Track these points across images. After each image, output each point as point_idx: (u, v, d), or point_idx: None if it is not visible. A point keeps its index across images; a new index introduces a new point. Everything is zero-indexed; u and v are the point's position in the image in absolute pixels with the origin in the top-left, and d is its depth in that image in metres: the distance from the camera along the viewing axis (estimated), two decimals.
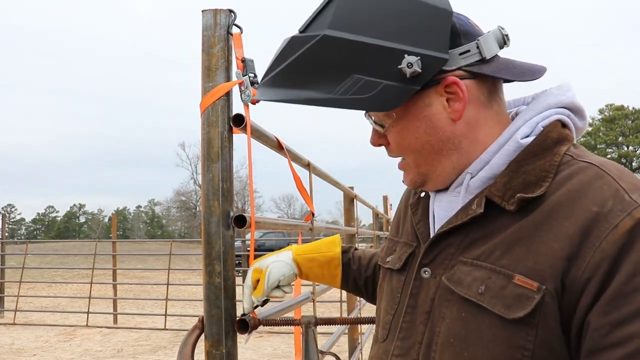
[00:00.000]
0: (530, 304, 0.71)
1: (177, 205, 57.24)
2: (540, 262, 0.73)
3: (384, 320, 0.95)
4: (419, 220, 0.95)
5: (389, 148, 0.92)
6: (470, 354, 0.76)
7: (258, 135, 1.52)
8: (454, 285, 0.81)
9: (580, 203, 0.73)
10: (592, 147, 50.56)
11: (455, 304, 0.80)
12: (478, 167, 0.86)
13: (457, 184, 0.89)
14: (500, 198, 0.80)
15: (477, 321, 0.76)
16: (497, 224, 0.80)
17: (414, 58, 0.79)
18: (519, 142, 0.83)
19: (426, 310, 0.84)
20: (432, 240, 0.88)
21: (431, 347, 0.82)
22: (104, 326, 8.88)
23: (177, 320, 9.07)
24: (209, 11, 1.33)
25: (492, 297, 0.75)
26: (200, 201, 1.25)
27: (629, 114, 49.63)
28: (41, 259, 17.38)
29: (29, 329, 8.72)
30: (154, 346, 7.37)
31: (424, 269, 0.87)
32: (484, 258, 0.79)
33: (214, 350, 1.24)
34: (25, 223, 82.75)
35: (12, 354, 6.99)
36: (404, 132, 0.87)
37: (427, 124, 0.85)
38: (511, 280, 0.74)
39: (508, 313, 0.73)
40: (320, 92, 0.83)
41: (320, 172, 2.72)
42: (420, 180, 0.92)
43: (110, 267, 10.14)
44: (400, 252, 0.97)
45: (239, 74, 1.33)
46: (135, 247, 28.33)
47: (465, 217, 0.83)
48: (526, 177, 0.79)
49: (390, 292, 0.96)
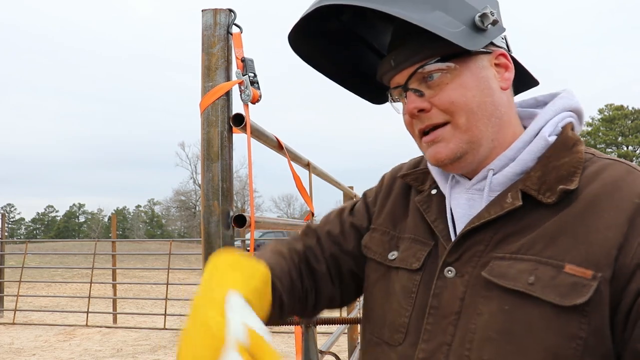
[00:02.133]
0: (587, 291, 0.72)
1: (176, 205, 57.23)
2: (593, 251, 0.74)
3: (396, 322, 0.89)
4: (435, 218, 0.91)
5: (431, 113, 0.86)
6: (515, 346, 0.75)
7: (258, 135, 1.52)
8: (497, 279, 0.78)
9: (620, 195, 0.77)
10: (592, 146, 50.16)
11: (495, 299, 0.78)
12: (501, 164, 0.87)
13: (477, 180, 0.88)
14: (537, 191, 0.81)
15: (524, 313, 0.75)
16: (533, 217, 0.81)
17: (489, 9, 0.83)
18: (547, 139, 0.86)
19: (455, 311, 0.82)
20: (459, 237, 0.85)
21: (464, 346, 0.79)
22: (104, 326, 8.87)
23: (177, 319, 9.06)
24: (209, 11, 1.33)
25: (543, 286, 0.75)
26: (200, 201, 1.25)
27: (629, 114, 49.65)
28: (41, 259, 17.38)
29: (28, 329, 8.71)
30: (153, 346, 7.36)
31: (447, 269, 0.84)
32: (524, 251, 0.79)
33: None
34: (25, 223, 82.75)
35: (12, 354, 6.98)
36: (462, 88, 0.85)
37: (484, 83, 0.86)
38: (562, 270, 0.74)
39: (564, 301, 0.73)
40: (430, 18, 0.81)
41: (320, 171, 2.72)
42: (461, 151, 0.86)
43: (109, 266, 10.14)
44: (415, 250, 0.92)
45: (238, 74, 1.34)
46: (135, 247, 28.33)
47: (500, 211, 0.82)
48: (558, 172, 0.82)
49: (401, 292, 0.90)
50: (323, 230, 1.08)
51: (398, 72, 0.88)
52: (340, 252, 1.05)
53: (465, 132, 0.85)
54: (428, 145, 0.89)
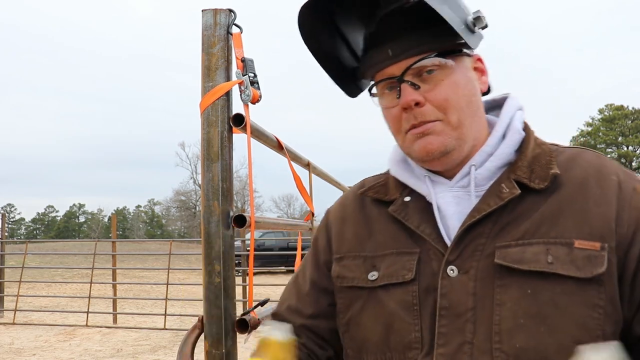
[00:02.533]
0: (603, 261, 0.78)
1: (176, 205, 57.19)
2: (595, 225, 0.80)
3: (405, 340, 0.85)
4: (419, 223, 0.89)
5: (424, 109, 0.86)
6: (549, 326, 0.77)
7: (258, 135, 1.52)
8: (516, 264, 0.79)
9: (601, 175, 0.84)
10: (592, 146, 50.51)
11: (514, 285, 0.79)
12: (481, 159, 0.90)
13: (460, 177, 0.90)
14: (528, 179, 0.85)
15: (548, 292, 0.78)
16: (526, 204, 0.84)
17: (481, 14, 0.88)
18: (521, 132, 0.92)
19: (469, 307, 0.81)
20: (461, 233, 0.84)
21: (492, 339, 0.78)
22: (104, 326, 8.87)
23: (177, 320, 9.06)
24: (209, 11, 1.33)
25: (562, 263, 0.78)
26: (200, 201, 1.25)
27: (629, 114, 49.62)
28: (41, 259, 17.37)
29: (28, 329, 8.71)
30: (153, 346, 7.36)
31: (450, 267, 0.83)
32: (529, 236, 0.81)
33: (213, 350, 1.24)
34: (25, 223, 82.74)
35: (12, 354, 6.98)
36: (455, 85, 0.87)
37: (471, 83, 0.90)
38: (572, 246, 0.79)
39: (584, 273, 0.77)
40: None
41: (320, 171, 2.72)
42: (450, 146, 0.87)
43: (109, 266, 10.14)
44: (402, 262, 0.88)
45: (238, 74, 1.34)
46: (135, 247, 28.33)
47: (500, 201, 0.84)
48: (539, 160, 0.87)
49: (401, 308, 0.86)
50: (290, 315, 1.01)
51: (395, 62, 0.87)
52: (311, 319, 0.99)
53: (455, 129, 0.87)
54: (416, 137, 0.88)
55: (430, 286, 0.84)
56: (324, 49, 0.98)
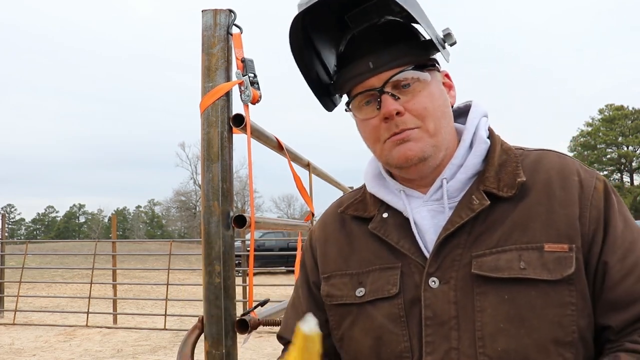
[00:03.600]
0: (571, 262, 0.83)
1: (176, 206, 57.22)
2: (562, 228, 0.85)
3: (396, 351, 0.89)
4: (399, 239, 0.93)
5: (404, 117, 0.90)
6: (527, 328, 0.82)
7: (258, 135, 1.52)
8: (491, 272, 0.84)
9: (564, 176, 0.89)
10: (592, 147, 50.55)
11: (492, 292, 0.84)
12: (452, 172, 0.94)
13: (433, 191, 0.94)
14: (497, 189, 0.89)
15: (524, 296, 0.82)
16: (497, 213, 0.89)
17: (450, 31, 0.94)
18: (487, 141, 0.96)
19: (453, 315, 0.85)
20: (438, 246, 0.89)
21: (476, 344, 0.83)
22: (104, 326, 8.87)
23: (177, 320, 9.06)
24: (209, 11, 1.33)
25: (534, 268, 0.83)
26: (200, 201, 1.25)
27: (629, 114, 49.60)
28: (41, 259, 17.37)
29: (28, 329, 8.71)
30: (153, 346, 7.36)
31: (431, 279, 0.88)
32: (502, 243, 0.86)
33: (213, 350, 1.24)
34: (25, 223, 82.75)
35: (12, 354, 6.98)
36: (431, 96, 0.92)
37: (444, 95, 0.96)
38: (542, 250, 0.84)
39: (554, 275, 0.82)
40: None
41: (320, 172, 2.72)
42: (428, 153, 0.91)
43: (110, 267, 10.13)
44: (387, 277, 0.92)
45: (238, 74, 1.34)
46: (135, 247, 28.33)
47: (471, 213, 0.88)
48: (506, 168, 0.92)
49: (388, 321, 0.90)
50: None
51: (376, 74, 0.92)
52: None
53: (432, 137, 0.92)
54: (395, 144, 0.92)
55: (415, 298, 0.89)
56: (306, 65, 1.03)
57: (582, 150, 50.51)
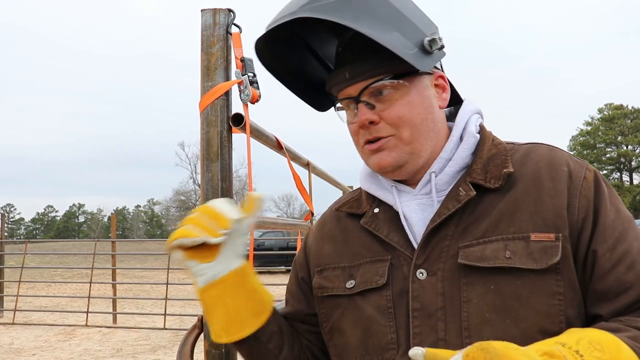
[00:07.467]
0: (557, 251, 0.83)
1: (176, 205, 57.20)
2: (549, 217, 0.85)
3: (382, 342, 0.90)
4: (388, 232, 0.95)
5: (379, 125, 0.93)
6: (513, 318, 0.82)
7: (257, 135, 1.52)
8: (477, 262, 0.85)
9: (553, 168, 0.90)
10: (592, 146, 50.56)
11: (478, 282, 0.84)
12: (440, 166, 0.95)
13: (422, 185, 0.95)
14: (483, 180, 0.90)
15: (510, 285, 0.83)
16: (484, 204, 0.90)
17: (438, 35, 0.93)
18: (476, 135, 0.97)
19: (440, 307, 0.86)
20: (425, 237, 0.90)
21: (462, 334, 0.83)
22: (104, 326, 8.87)
23: (177, 319, 9.06)
24: (208, 10, 1.33)
25: (520, 257, 0.83)
26: (200, 201, 1.25)
27: (628, 113, 49.62)
28: (40, 259, 17.37)
29: (28, 329, 8.71)
30: (153, 346, 7.36)
31: (419, 271, 0.89)
32: (489, 234, 0.87)
33: (213, 349, 1.24)
34: (25, 223, 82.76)
35: (12, 354, 6.98)
36: (409, 105, 0.92)
37: (427, 101, 0.95)
38: (529, 240, 0.84)
39: (540, 264, 0.82)
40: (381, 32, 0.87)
41: (320, 171, 2.72)
42: (403, 160, 0.93)
43: (109, 266, 10.13)
44: (375, 269, 0.94)
45: (238, 74, 1.33)
46: (135, 247, 28.32)
47: (458, 204, 0.89)
48: (494, 161, 0.93)
49: (377, 312, 0.92)
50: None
51: (352, 84, 0.93)
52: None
53: (407, 145, 0.93)
54: (371, 153, 0.95)
55: (403, 290, 0.90)
56: (290, 67, 1.05)
57: (581, 149, 50.49)
